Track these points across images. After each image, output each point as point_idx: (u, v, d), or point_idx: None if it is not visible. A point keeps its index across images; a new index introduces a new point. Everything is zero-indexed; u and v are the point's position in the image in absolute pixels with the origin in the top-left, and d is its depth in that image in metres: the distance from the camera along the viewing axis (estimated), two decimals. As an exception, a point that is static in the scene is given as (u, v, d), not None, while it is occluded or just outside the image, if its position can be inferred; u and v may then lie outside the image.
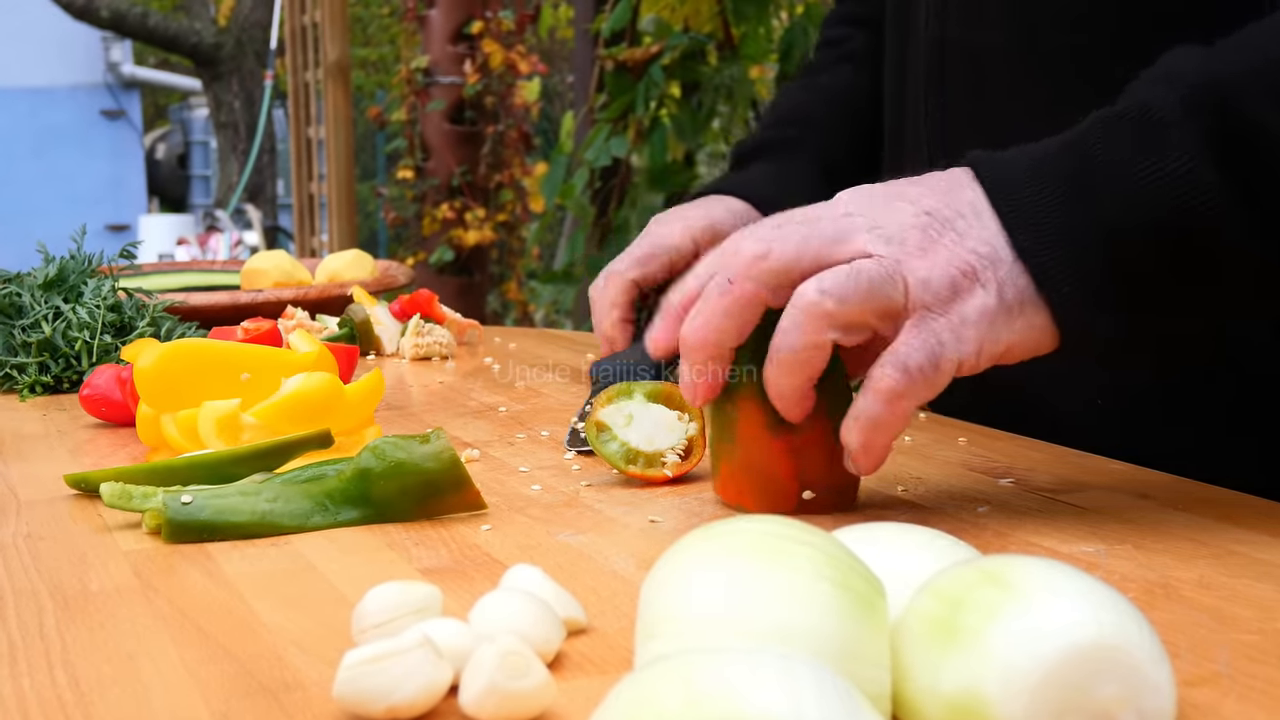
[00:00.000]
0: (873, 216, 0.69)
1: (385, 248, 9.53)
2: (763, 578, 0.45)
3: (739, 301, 0.69)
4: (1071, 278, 0.67)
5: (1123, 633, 0.43)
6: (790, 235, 0.68)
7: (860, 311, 0.67)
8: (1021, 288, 0.67)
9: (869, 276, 0.67)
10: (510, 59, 5.71)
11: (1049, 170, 0.68)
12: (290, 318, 1.39)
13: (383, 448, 0.74)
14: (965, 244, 0.68)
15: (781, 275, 0.68)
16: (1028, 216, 0.67)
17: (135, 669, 0.54)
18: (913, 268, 0.67)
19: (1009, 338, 0.68)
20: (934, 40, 0.94)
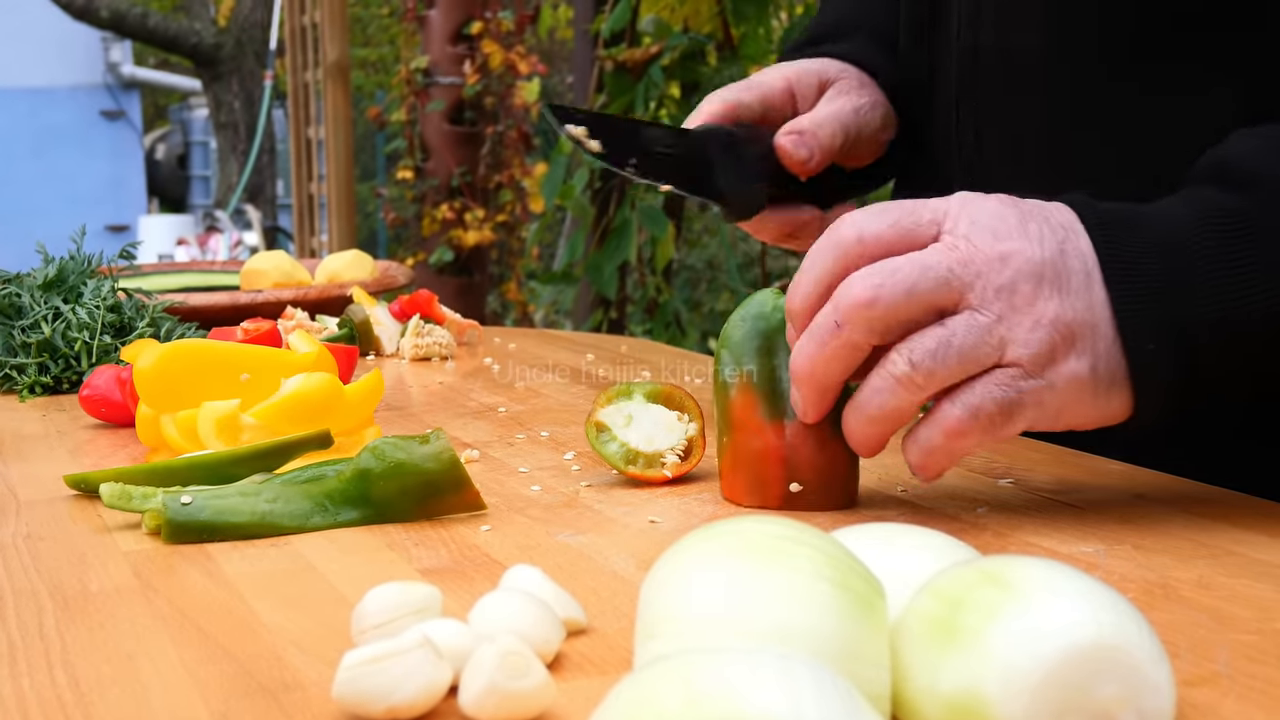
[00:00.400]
0: (982, 255, 0.68)
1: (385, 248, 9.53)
2: (762, 578, 0.45)
3: (846, 347, 0.69)
4: (1167, 369, 0.68)
5: (1122, 633, 0.43)
6: (900, 282, 0.67)
7: (950, 377, 0.68)
8: (1114, 365, 0.68)
9: (959, 349, 0.67)
10: (510, 59, 5.71)
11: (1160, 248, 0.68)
12: (290, 318, 1.39)
13: (382, 448, 0.74)
14: (1071, 304, 0.67)
15: (889, 323, 0.68)
16: (1135, 293, 0.67)
17: (135, 669, 0.54)
18: (1014, 324, 0.67)
19: (1088, 412, 0.69)
20: (967, 48, 0.94)
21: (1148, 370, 0.68)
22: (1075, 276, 0.68)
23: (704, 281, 7.94)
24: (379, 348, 1.40)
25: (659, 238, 3.59)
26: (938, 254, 0.68)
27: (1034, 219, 0.69)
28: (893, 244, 0.69)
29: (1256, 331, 0.67)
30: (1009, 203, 0.70)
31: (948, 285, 0.67)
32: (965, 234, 0.69)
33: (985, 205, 0.70)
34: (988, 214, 0.69)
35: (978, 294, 0.67)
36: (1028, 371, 0.67)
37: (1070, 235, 0.69)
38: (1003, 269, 0.67)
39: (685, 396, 0.84)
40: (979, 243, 0.68)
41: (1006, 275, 0.67)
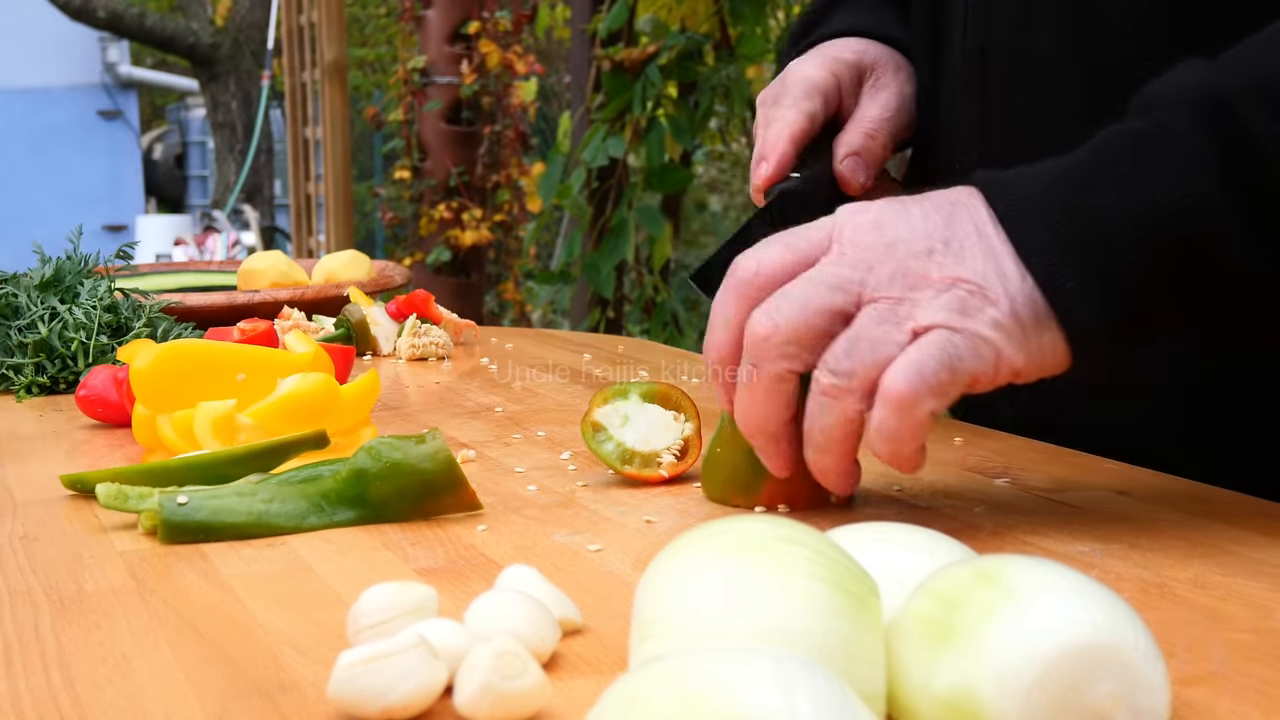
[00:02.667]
0: (869, 251, 0.68)
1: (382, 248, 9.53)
2: (757, 578, 0.45)
3: (770, 381, 0.69)
4: (1084, 294, 0.66)
5: (1118, 632, 0.43)
6: (793, 303, 0.67)
7: (872, 367, 0.67)
8: (1035, 305, 0.67)
9: (869, 339, 0.66)
10: (507, 59, 5.71)
11: (1057, 189, 0.67)
12: (287, 318, 1.39)
13: (379, 448, 0.74)
14: (969, 263, 0.67)
15: (800, 346, 0.68)
16: (1038, 236, 0.67)
17: (131, 670, 0.54)
18: (916, 300, 0.67)
19: (1024, 356, 0.67)
20: (974, 49, 0.93)
21: (1072, 307, 0.66)
22: (968, 238, 0.67)
23: (702, 281, 7.93)
24: (376, 348, 1.40)
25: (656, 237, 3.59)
26: (826, 265, 0.68)
27: (917, 204, 0.69)
28: (791, 267, 0.69)
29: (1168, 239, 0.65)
30: (893, 200, 0.70)
31: (842, 290, 0.67)
32: (850, 238, 0.69)
33: (869, 209, 0.70)
34: (871, 214, 0.69)
35: (872, 286, 0.67)
36: (949, 328, 0.66)
37: (958, 205, 0.69)
38: (890, 256, 0.67)
39: (681, 396, 0.84)
40: (863, 241, 0.68)
41: (896, 259, 0.67)
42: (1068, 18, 0.87)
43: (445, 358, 1.38)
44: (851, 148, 0.94)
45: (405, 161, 5.89)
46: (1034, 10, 0.89)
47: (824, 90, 0.94)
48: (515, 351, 1.42)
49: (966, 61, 0.94)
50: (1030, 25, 0.89)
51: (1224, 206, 0.64)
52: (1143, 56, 0.83)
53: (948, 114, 0.98)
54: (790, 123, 0.92)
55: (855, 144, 0.94)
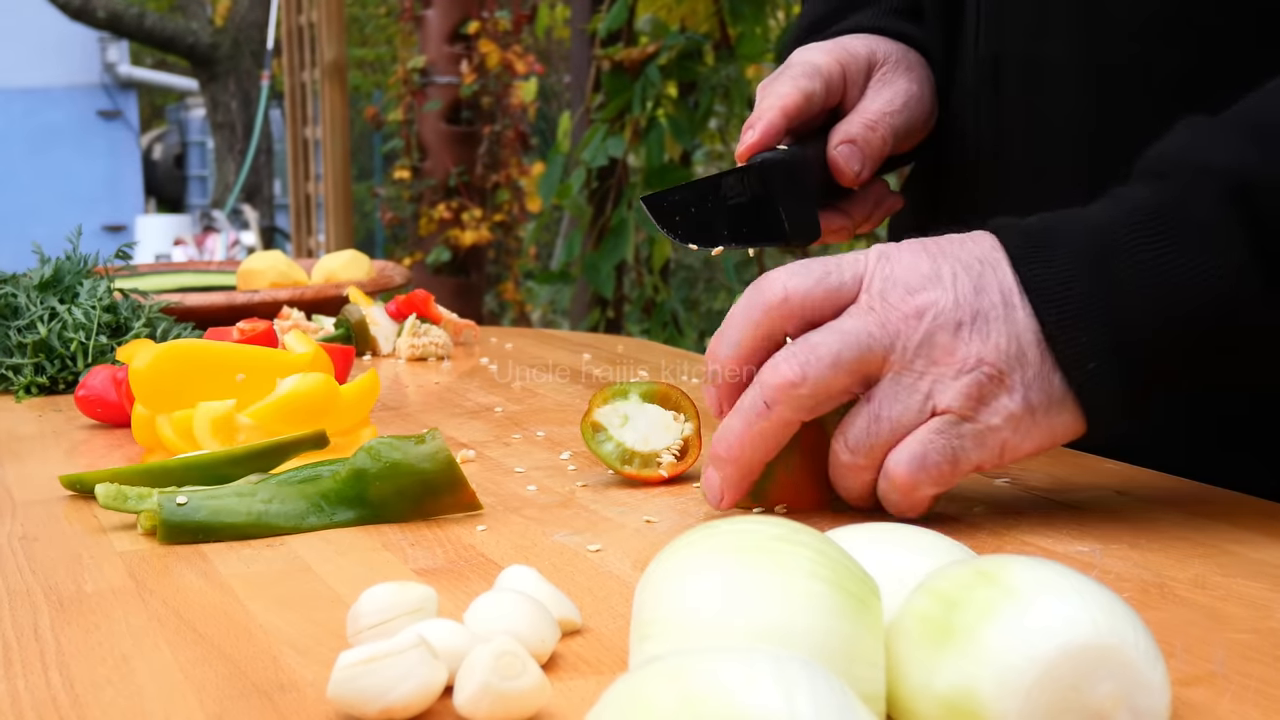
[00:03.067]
0: (897, 312, 0.68)
1: (382, 248, 9.53)
2: (757, 578, 0.45)
3: (776, 425, 0.70)
4: (1104, 375, 0.67)
5: (1118, 632, 0.43)
6: (824, 357, 0.68)
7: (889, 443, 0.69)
8: (1051, 389, 0.68)
9: (889, 419, 0.68)
10: (507, 59, 5.71)
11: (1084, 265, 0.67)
12: (286, 318, 1.39)
13: (378, 448, 0.74)
14: (993, 342, 0.68)
15: (818, 399, 0.69)
16: (1063, 317, 0.67)
17: (130, 670, 0.54)
18: (938, 376, 0.68)
19: (1032, 443, 0.69)
20: (987, 56, 0.92)
21: (1093, 388, 0.68)
22: (994, 310, 0.68)
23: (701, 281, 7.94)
24: (375, 348, 1.40)
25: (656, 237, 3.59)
26: (856, 320, 0.69)
27: (948, 261, 0.69)
28: (818, 305, 0.70)
29: (1191, 326, 0.66)
30: (923, 248, 0.70)
31: (869, 350, 0.68)
32: (880, 292, 0.69)
33: (899, 258, 0.70)
34: (901, 267, 0.70)
35: (898, 354, 0.68)
36: (961, 417, 0.68)
37: (986, 268, 0.69)
38: (919, 324, 0.68)
39: (681, 396, 0.84)
40: (893, 300, 0.69)
41: (923, 329, 0.68)
42: (1079, 22, 0.86)
43: (445, 358, 1.38)
44: (849, 135, 0.92)
45: (405, 161, 5.89)
46: (1047, 17, 0.88)
47: (826, 75, 0.92)
48: (515, 351, 1.42)
49: (979, 69, 0.94)
50: (1043, 32, 0.89)
51: (1252, 294, 0.65)
52: (1149, 55, 0.84)
53: (959, 121, 0.98)
54: (783, 95, 0.90)
55: (853, 133, 0.92)
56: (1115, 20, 0.84)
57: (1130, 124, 0.85)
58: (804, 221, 0.90)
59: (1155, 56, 0.83)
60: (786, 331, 0.71)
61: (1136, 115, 0.85)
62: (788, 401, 0.69)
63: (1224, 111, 0.69)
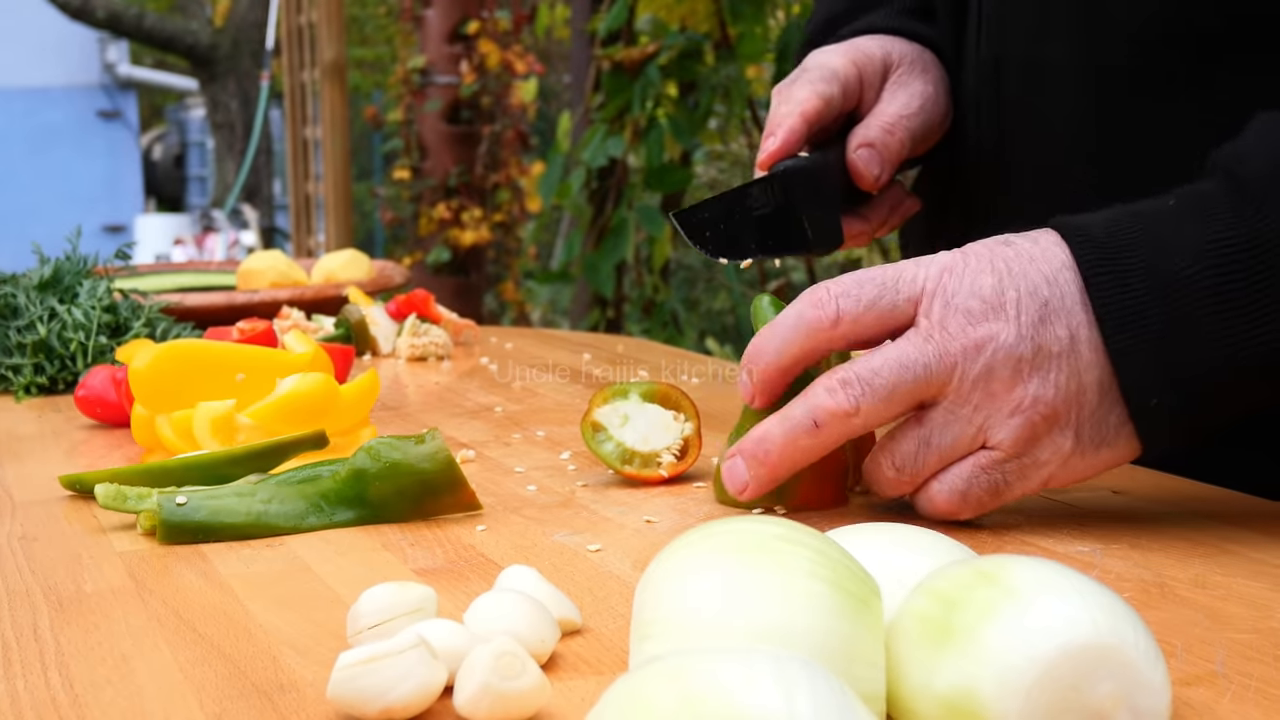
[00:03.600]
0: (956, 343, 0.67)
1: (382, 248, 9.53)
2: (757, 578, 0.45)
3: (819, 446, 0.70)
4: (1172, 416, 0.66)
5: (1118, 632, 0.43)
6: (880, 389, 0.67)
7: (933, 469, 0.69)
8: (1106, 426, 0.67)
9: (938, 447, 0.68)
10: (507, 59, 5.71)
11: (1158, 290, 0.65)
12: (286, 318, 1.39)
13: (378, 448, 0.73)
14: (1052, 381, 0.66)
15: (869, 427, 0.69)
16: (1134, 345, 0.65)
17: (130, 670, 0.54)
18: (992, 412, 0.67)
19: (1072, 476, 0.69)
20: (989, 58, 0.92)
21: (1153, 422, 0.67)
22: (1057, 345, 0.66)
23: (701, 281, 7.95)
24: (375, 348, 1.40)
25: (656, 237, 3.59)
26: (914, 348, 0.67)
27: (1013, 284, 0.67)
28: (870, 328, 0.69)
29: (1262, 367, 0.65)
30: (989, 267, 0.68)
31: (926, 383, 0.67)
32: (940, 319, 0.67)
33: (963, 279, 0.68)
34: (964, 289, 0.68)
35: (954, 386, 0.67)
36: (1009, 455, 0.68)
37: (1054, 294, 0.67)
38: (978, 357, 0.67)
39: (681, 396, 0.84)
40: (953, 330, 0.67)
41: (982, 364, 0.67)
42: (1080, 25, 0.86)
43: (445, 358, 1.38)
44: (867, 139, 0.91)
45: (405, 161, 5.89)
46: (1048, 19, 0.88)
47: (843, 78, 0.91)
48: (515, 351, 1.42)
49: (981, 71, 0.94)
50: (1044, 34, 0.89)
51: None
52: (1149, 58, 0.83)
53: (962, 121, 0.97)
54: (802, 100, 0.89)
55: (872, 136, 0.91)
56: (1115, 23, 0.84)
57: (1130, 126, 0.85)
58: (828, 229, 0.90)
59: (1155, 59, 0.83)
60: (835, 350, 0.71)
61: (1137, 117, 0.85)
62: (838, 428, 0.68)
63: None
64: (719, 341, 6.26)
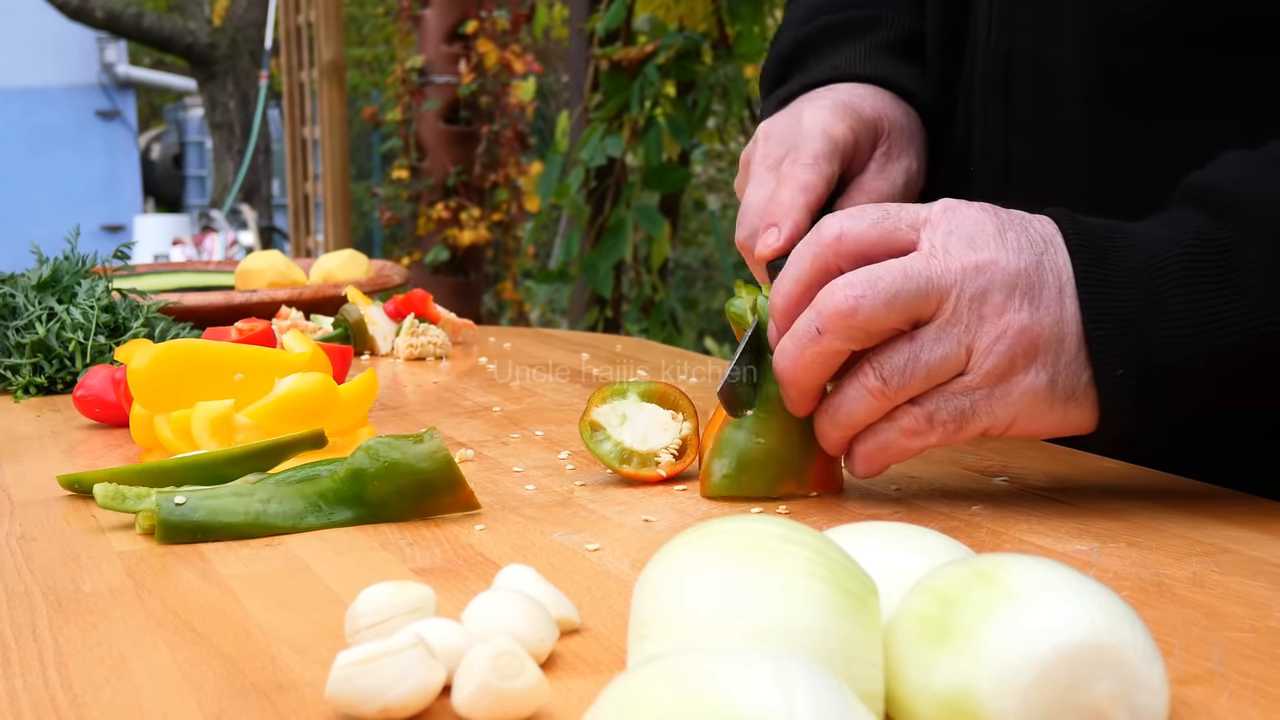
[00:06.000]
0: (956, 262, 0.69)
1: (380, 248, 9.52)
2: (755, 577, 0.45)
3: (826, 353, 0.71)
4: (1135, 392, 0.69)
5: (1116, 631, 0.43)
6: (881, 292, 0.69)
7: (918, 388, 0.71)
8: (1077, 382, 0.70)
9: (927, 363, 0.70)
10: (505, 58, 5.71)
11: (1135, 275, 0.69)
12: (285, 318, 1.39)
13: (376, 448, 0.74)
14: (1040, 316, 0.69)
15: (868, 331, 0.70)
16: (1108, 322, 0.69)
17: (128, 670, 0.54)
18: (981, 334, 0.69)
19: (1042, 424, 0.71)
20: (999, 51, 0.93)
21: (1115, 393, 0.70)
22: (1048, 289, 0.69)
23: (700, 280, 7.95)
24: (374, 347, 1.40)
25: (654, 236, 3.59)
26: (918, 262, 0.70)
27: (1012, 228, 0.71)
28: (874, 245, 0.71)
29: (1225, 360, 0.68)
30: (989, 211, 0.71)
31: (925, 295, 0.69)
32: (943, 243, 0.70)
33: (965, 213, 0.71)
34: (967, 222, 0.71)
35: (951, 303, 0.69)
36: (985, 382, 0.70)
37: (1049, 248, 0.70)
38: (977, 277, 0.69)
39: (679, 395, 0.84)
40: (955, 251, 0.70)
41: (980, 284, 0.69)
42: (1089, 23, 0.86)
43: (443, 357, 1.38)
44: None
45: (403, 161, 5.89)
46: (1057, 17, 0.88)
47: (844, 150, 0.91)
48: (513, 351, 1.42)
49: (990, 65, 0.93)
50: (1054, 31, 0.89)
51: None
52: (1157, 57, 0.84)
53: (964, 116, 0.97)
54: (807, 188, 0.86)
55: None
56: (1124, 21, 0.84)
57: (1136, 126, 0.85)
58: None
59: (1163, 59, 0.83)
60: (842, 269, 0.72)
61: (1143, 117, 0.85)
62: (838, 330, 0.70)
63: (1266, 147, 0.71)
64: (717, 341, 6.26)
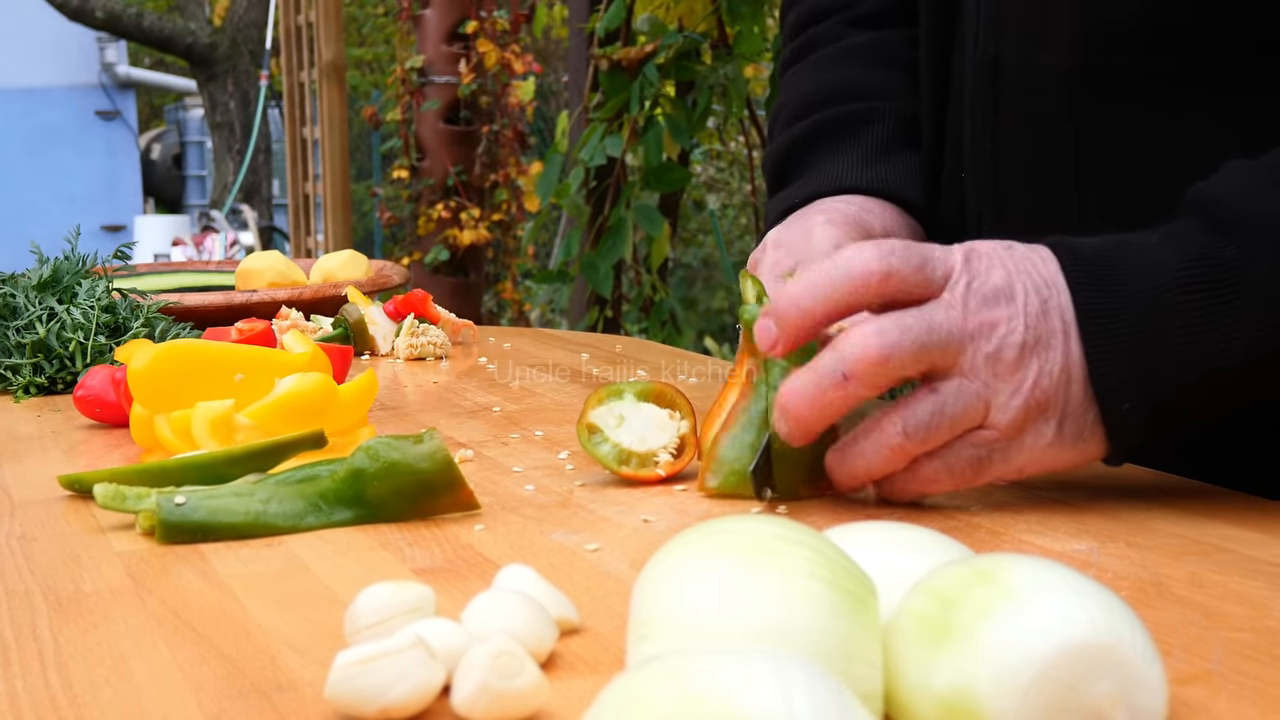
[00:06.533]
0: (976, 319, 0.71)
1: (380, 248, 9.52)
2: (754, 577, 0.45)
3: (849, 399, 0.72)
4: (1141, 424, 0.70)
5: (1115, 631, 0.43)
6: (911, 342, 0.70)
7: (939, 441, 0.72)
8: (1084, 422, 0.71)
9: (951, 418, 0.71)
10: (505, 58, 5.71)
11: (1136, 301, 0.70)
12: (285, 318, 1.39)
13: (376, 448, 0.74)
14: (1049, 367, 0.70)
15: (893, 379, 0.71)
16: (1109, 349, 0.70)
17: (128, 670, 0.54)
18: (997, 390, 0.71)
19: (1056, 464, 0.73)
20: (986, 59, 0.92)
21: (1122, 426, 0.71)
22: (1055, 335, 0.71)
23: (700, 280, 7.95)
24: (374, 347, 1.40)
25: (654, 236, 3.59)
26: (942, 313, 0.71)
27: (1021, 279, 0.72)
28: (910, 291, 0.72)
29: (1232, 382, 0.69)
30: (1001, 263, 0.72)
31: (944, 349, 0.70)
32: (962, 297, 0.71)
33: (983, 266, 0.72)
34: (982, 276, 0.72)
35: (969, 359, 0.71)
36: (1002, 435, 0.71)
37: (1053, 292, 0.71)
38: (992, 336, 0.71)
39: (676, 394, 0.84)
40: (973, 308, 0.71)
41: (994, 343, 0.71)
42: (1078, 27, 0.86)
43: (443, 357, 1.38)
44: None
45: (403, 161, 5.88)
46: (1046, 21, 0.88)
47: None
48: (513, 351, 1.42)
49: (978, 71, 0.93)
50: (1042, 36, 0.88)
51: None
52: (1146, 62, 0.83)
53: (954, 124, 0.97)
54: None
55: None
56: (1113, 27, 0.84)
57: (1126, 130, 0.85)
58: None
59: (1153, 64, 0.83)
60: (869, 307, 0.73)
61: (1132, 122, 0.85)
62: (867, 378, 0.70)
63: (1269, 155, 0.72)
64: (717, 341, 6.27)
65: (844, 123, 1.04)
